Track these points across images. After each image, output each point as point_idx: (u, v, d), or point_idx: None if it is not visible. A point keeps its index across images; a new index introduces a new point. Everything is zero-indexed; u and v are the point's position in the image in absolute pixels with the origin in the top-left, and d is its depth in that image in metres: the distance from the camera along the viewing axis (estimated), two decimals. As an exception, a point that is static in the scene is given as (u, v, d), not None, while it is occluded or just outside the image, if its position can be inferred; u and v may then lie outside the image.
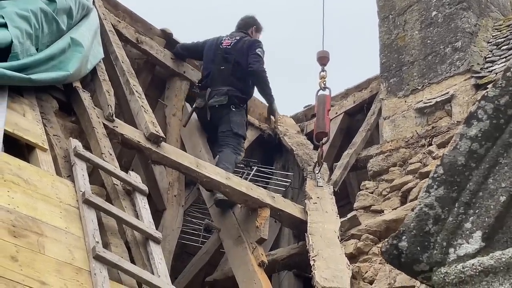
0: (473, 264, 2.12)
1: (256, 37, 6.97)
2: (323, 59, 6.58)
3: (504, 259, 2.08)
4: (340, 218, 5.84)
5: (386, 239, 2.27)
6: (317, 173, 6.36)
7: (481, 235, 2.15)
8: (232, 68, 6.61)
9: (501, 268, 2.08)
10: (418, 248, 2.19)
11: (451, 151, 2.20)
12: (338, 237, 5.57)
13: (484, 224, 2.16)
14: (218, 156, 6.29)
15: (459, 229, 2.18)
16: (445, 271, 2.15)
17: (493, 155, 2.18)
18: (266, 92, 6.93)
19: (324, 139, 6.43)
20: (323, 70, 6.58)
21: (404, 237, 2.20)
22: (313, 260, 5.26)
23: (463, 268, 2.13)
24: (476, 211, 2.17)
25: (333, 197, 6.13)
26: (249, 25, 7.00)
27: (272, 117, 7.32)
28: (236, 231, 5.80)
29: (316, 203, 5.96)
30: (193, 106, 6.66)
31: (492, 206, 2.16)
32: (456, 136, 2.19)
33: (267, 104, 7.21)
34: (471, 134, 2.19)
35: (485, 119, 2.18)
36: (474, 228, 2.16)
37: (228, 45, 6.74)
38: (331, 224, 5.69)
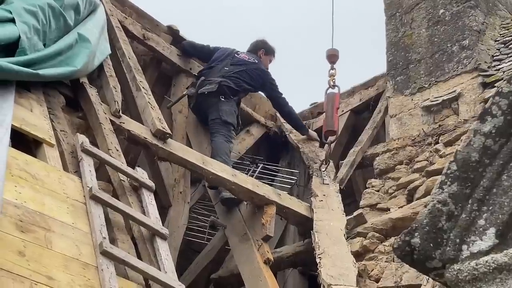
0: (486, 261, 2.10)
1: (266, 60, 7.00)
2: (332, 57, 6.56)
3: (518, 256, 2.07)
4: (346, 216, 5.82)
5: (398, 236, 2.25)
6: (323, 171, 6.34)
7: (494, 232, 2.14)
8: (238, 71, 6.63)
9: (515, 265, 2.07)
10: (431, 244, 2.18)
11: (464, 147, 2.18)
12: (344, 235, 5.56)
13: (497, 221, 2.15)
14: (211, 145, 6.28)
15: (472, 226, 2.17)
16: (458, 268, 2.14)
17: (507, 152, 2.17)
18: (302, 126, 7.05)
19: (333, 138, 6.41)
20: (332, 68, 6.56)
21: (417, 233, 2.19)
22: (319, 258, 5.24)
23: (476, 265, 2.11)
24: (490, 208, 2.15)
25: (339, 195, 6.11)
26: (257, 48, 7.03)
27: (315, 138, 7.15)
28: (242, 228, 5.79)
29: (322, 200, 5.94)
30: (184, 92, 6.66)
31: (506, 203, 2.14)
32: (470, 132, 2.18)
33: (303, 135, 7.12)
34: (485, 130, 2.17)
35: (499, 115, 2.17)
36: (488, 225, 2.15)
37: (245, 58, 6.80)
38: (337, 222, 5.68)
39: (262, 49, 7.01)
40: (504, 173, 2.18)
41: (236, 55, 6.83)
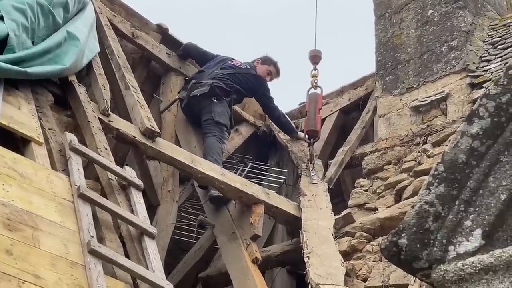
0: (473, 262, 2.11)
1: (262, 69, 6.98)
2: (315, 58, 6.62)
3: (504, 257, 2.08)
4: (334, 215, 5.83)
5: (385, 236, 2.26)
6: (311, 170, 6.35)
7: (481, 233, 2.15)
8: (227, 74, 6.64)
9: (501, 266, 2.07)
10: (418, 245, 2.19)
11: (452, 148, 2.19)
12: (332, 234, 5.56)
13: (484, 222, 2.16)
14: (204, 145, 6.29)
15: (459, 227, 2.18)
16: (444, 268, 2.15)
17: (494, 153, 2.18)
18: (291, 129, 7.03)
19: (315, 138, 6.46)
20: (315, 69, 6.63)
21: (404, 234, 2.20)
22: (307, 257, 5.25)
23: (462, 265, 2.12)
24: (477, 209, 2.17)
25: (328, 194, 6.12)
26: (256, 59, 7.03)
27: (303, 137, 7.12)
28: (230, 227, 5.79)
29: (310, 200, 5.95)
30: (176, 97, 6.67)
31: (492, 204, 2.15)
32: (457, 134, 2.19)
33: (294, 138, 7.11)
34: (472, 131, 2.18)
35: (486, 117, 2.18)
36: (474, 226, 2.16)
37: (237, 64, 6.81)
38: (325, 221, 5.69)
39: (259, 59, 7.03)
40: (491, 175, 2.19)
41: (229, 61, 6.85)
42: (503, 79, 2.16)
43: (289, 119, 7.16)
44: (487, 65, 6.17)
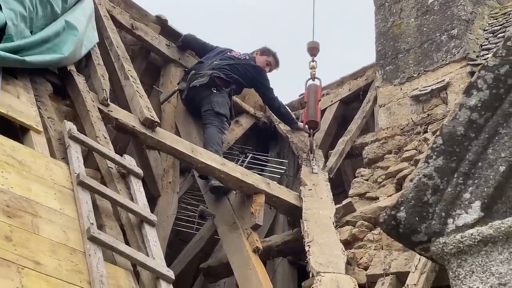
0: (472, 234, 2.10)
1: (261, 60, 6.97)
2: (313, 49, 6.64)
3: (503, 228, 2.06)
4: (335, 205, 5.81)
5: (384, 211, 2.25)
6: (312, 160, 6.34)
7: (480, 205, 2.14)
8: (226, 64, 6.64)
9: (500, 237, 2.06)
10: (417, 218, 2.18)
11: (450, 121, 2.18)
12: (333, 223, 5.55)
13: (483, 194, 2.15)
14: (204, 135, 6.28)
15: (458, 200, 2.16)
16: (443, 241, 2.14)
17: (493, 125, 2.17)
18: (291, 120, 7.01)
19: (315, 128, 6.48)
20: (313, 61, 6.64)
21: (403, 207, 2.19)
22: (308, 246, 5.24)
23: (461, 238, 2.12)
24: (475, 181, 2.15)
25: (328, 183, 6.11)
26: (255, 50, 7.03)
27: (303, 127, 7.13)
28: (231, 218, 5.77)
29: (311, 189, 5.94)
30: (175, 88, 6.66)
31: (491, 176, 2.14)
32: (455, 106, 2.17)
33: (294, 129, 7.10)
34: (471, 104, 2.17)
35: (485, 89, 2.17)
36: (473, 198, 2.15)
37: (237, 55, 6.81)
38: (326, 210, 5.67)
39: (258, 50, 7.02)
40: (490, 147, 2.18)
41: (228, 52, 6.85)
42: (501, 50, 2.15)
43: (289, 110, 7.15)
44: (487, 54, 6.15)
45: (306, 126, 6.55)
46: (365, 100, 6.94)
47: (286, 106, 7.20)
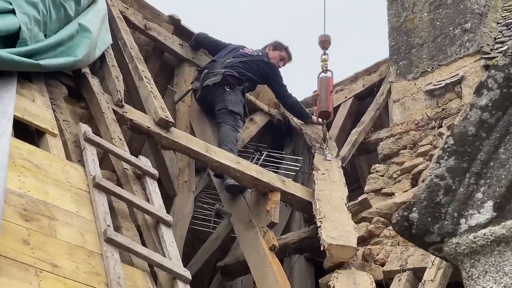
0: (484, 234, 2.10)
1: (274, 55, 6.99)
2: (324, 43, 6.66)
3: (516, 228, 2.07)
4: (351, 202, 5.82)
5: (396, 211, 2.25)
6: (325, 149, 6.41)
7: (492, 205, 2.14)
8: (239, 62, 6.65)
9: (513, 237, 2.07)
10: (429, 219, 2.18)
11: (461, 121, 2.18)
12: (346, 204, 5.59)
13: (495, 194, 2.15)
14: (218, 134, 6.30)
15: (470, 200, 2.17)
16: (456, 241, 2.14)
17: (504, 125, 2.16)
18: (305, 115, 7.07)
19: (327, 119, 6.59)
20: (324, 54, 6.67)
21: (415, 208, 2.19)
22: (320, 221, 5.29)
23: (474, 238, 2.12)
24: (487, 181, 2.15)
25: (341, 170, 6.14)
26: (267, 45, 7.04)
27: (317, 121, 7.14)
28: (247, 216, 5.79)
29: (324, 174, 5.99)
30: (189, 87, 6.68)
31: (503, 176, 2.14)
32: (466, 106, 2.18)
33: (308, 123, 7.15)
34: (482, 103, 2.17)
35: (495, 88, 2.16)
36: (486, 198, 2.15)
37: (249, 52, 6.82)
38: (338, 192, 5.73)
39: (270, 45, 7.03)
40: (501, 146, 2.18)
41: (241, 49, 6.86)
42: (511, 49, 2.15)
43: (302, 106, 7.16)
44: (501, 47, 6.13)
45: (319, 117, 6.62)
46: (379, 93, 6.94)
47: (300, 102, 7.21)
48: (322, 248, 5.10)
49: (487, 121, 2.19)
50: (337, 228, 5.14)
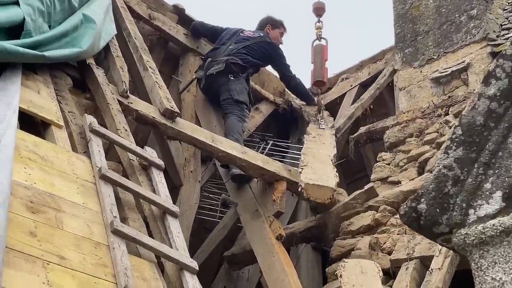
0: (493, 225, 2.09)
1: (274, 34, 6.99)
2: (318, 10, 6.68)
3: (525, 219, 2.05)
4: (357, 190, 5.81)
5: (404, 202, 2.24)
6: (320, 120, 6.45)
7: (501, 195, 2.12)
8: (242, 47, 6.63)
9: (522, 227, 2.05)
10: (438, 210, 2.17)
11: (469, 111, 2.17)
12: (332, 161, 5.69)
13: (504, 184, 2.13)
14: (225, 125, 6.29)
15: (478, 190, 2.15)
16: (465, 232, 2.13)
17: (512, 114, 2.15)
18: (308, 97, 7.12)
19: (322, 88, 6.71)
20: (319, 21, 6.66)
21: (423, 199, 2.18)
22: (301, 169, 5.46)
23: (483, 228, 2.10)
24: (496, 171, 2.14)
25: (334, 137, 6.21)
26: (263, 24, 7.06)
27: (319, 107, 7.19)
28: (253, 205, 5.79)
29: (315, 137, 6.13)
30: (193, 76, 6.67)
31: (512, 166, 2.13)
32: (474, 96, 2.16)
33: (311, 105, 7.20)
34: (490, 93, 2.15)
35: (503, 78, 2.14)
36: (494, 189, 2.13)
37: (250, 35, 6.79)
38: (326, 151, 5.83)
39: (268, 24, 7.01)
40: (510, 136, 2.16)
41: (241, 33, 6.83)
42: (519, 38, 2.13)
43: (305, 87, 7.16)
44: (507, 33, 6.10)
45: (314, 86, 6.66)
46: (381, 74, 6.95)
47: (303, 83, 7.20)
48: (299, 189, 5.25)
49: (495, 111, 2.17)
50: (317, 173, 5.23)
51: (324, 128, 6.38)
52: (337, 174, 5.37)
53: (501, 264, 2.03)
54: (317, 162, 5.46)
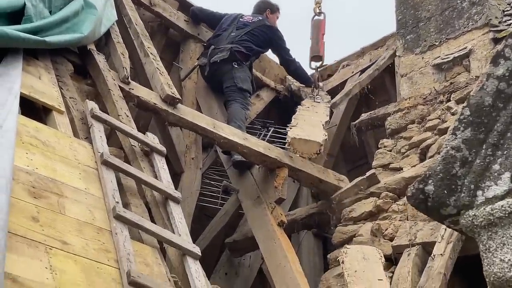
0: (502, 206, 2.07)
1: (273, 19, 7.03)
2: None
3: (534, 200, 2.03)
4: (358, 177, 5.80)
5: (412, 184, 2.22)
6: (316, 95, 6.49)
7: (509, 176, 2.10)
8: (244, 34, 6.62)
9: (531, 208, 2.04)
10: (445, 191, 2.15)
11: (477, 91, 2.14)
12: (323, 126, 5.80)
13: (512, 165, 2.12)
14: (227, 112, 6.29)
15: (487, 171, 2.13)
16: (473, 214, 2.11)
17: (521, 95, 2.13)
18: (307, 80, 7.15)
19: (319, 63, 6.75)
20: None
21: (431, 180, 2.16)
22: (290, 128, 5.64)
23: (491, 210, 2.09)
24: (505, 152, 2.12)
25: (328, 110, 6.28)
26: (262, 9, 7.06)
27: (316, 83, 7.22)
28: (254, 192, 5.78)
29: (308, 107, 6.20)
30: (195, 63, 6.65)
31: (521, 147, 2.11)
32: (482, 76, 2.14)
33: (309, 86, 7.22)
34: (498, 73, 2.13)
35: (512, 58, 2.12)
36: (503, 170, 2.12)
37: (249, 20, 6.78)
38: (318, 117, 5.91)
39: (267, 9, 7.03)
40: (519, 117, 2.14)
41: (240, 19, 6.83)
42: (528, 18, 2.11)
43: (305, 70, 7.16)
44: (510, 19, 6.07)
45: (311, 62, 6.72)
46: (381, 57, 6.93)
47: (302, 67, 7.20)
48: (286, 145, 5.40)
49: (504, 91, 2.15)
50: (305, 130, 5.29)
51: (319, 102, 6.43)
52: (326, 134, 5.47)
53: (509, 246, 2.02)
54: (307, 125, 5.56)
